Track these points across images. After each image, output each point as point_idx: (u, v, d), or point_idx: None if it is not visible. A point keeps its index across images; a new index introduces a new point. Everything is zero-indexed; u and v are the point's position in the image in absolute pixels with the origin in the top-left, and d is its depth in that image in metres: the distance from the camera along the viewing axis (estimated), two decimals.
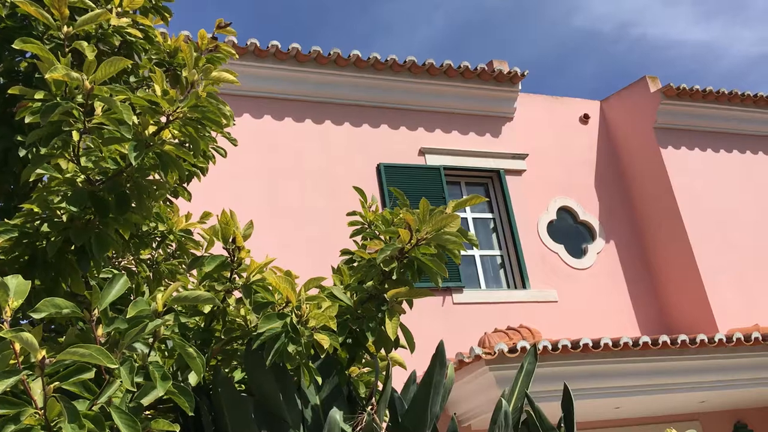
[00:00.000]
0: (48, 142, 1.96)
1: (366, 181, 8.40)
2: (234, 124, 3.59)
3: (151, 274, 3.20)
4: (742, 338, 7.76)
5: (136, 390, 1.78)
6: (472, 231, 9.04)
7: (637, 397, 7.67)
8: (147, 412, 2.32)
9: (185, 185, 3.39)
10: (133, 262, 3.20)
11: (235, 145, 3.59)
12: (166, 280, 3.21)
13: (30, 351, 1.57)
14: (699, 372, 7.83)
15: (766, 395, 8.58)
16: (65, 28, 2.15)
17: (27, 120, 1.93)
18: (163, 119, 2.13)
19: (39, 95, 1.93)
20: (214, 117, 2.17)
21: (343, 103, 8.96)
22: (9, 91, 1.99)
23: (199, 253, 3.10)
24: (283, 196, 8.26)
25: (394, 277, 2.42)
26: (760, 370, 8.05)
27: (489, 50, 26.99)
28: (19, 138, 2.74)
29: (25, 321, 2.36)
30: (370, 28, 26.20)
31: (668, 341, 7.47)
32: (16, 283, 1.70)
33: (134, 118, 2.06)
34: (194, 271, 2.77)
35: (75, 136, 2.07)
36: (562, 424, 2.55)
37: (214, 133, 3.37)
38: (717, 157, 10.48)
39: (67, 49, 2.17)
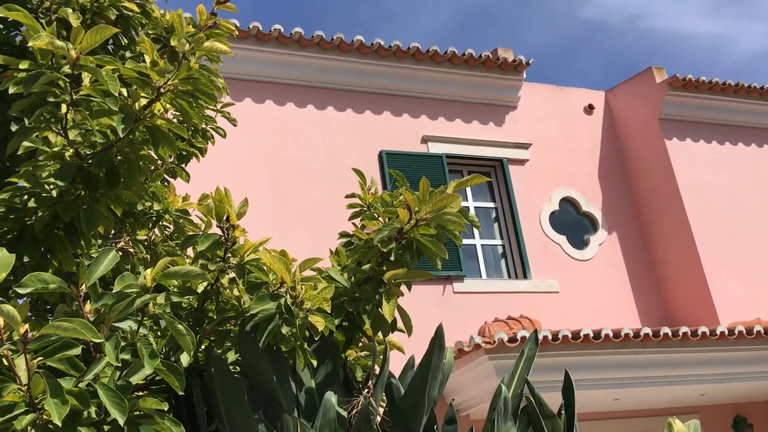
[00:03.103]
0: (32, 113, 1.90)
1: (368, 168, 8.27)
2: (233, 104, 3.53)
3: (148, 256, 3.15)
4: (744, 331, 7.70)
5: (122, 367, 1.73)
6: None
7: (637, 389, 7.63)
8: (139, 392, 2.27)
9: (184, 166, 3.34)
10: (130, 243, 3.14)
11: (235, 125, 3.53)
12: None
13: (12, 325, 1.52)
14: (700, 365, 7.78)
15: (766, 389, 8.53)
16: None
17: (11, 90, 1.86)
18: (155, 92, 2.07)
19: (24, 65, 1.86)
20: (207, 89, 2.10)
21: (345, 89, 8.88)
22: None
23: None
24: (283, 182, 8.20)
25: (392, 259, 2.37)
26: (762, 364, 8.00)
27: (495, 40, 26.83)
28: (11, 113, 2.68)
29: (21, 300, 2.31)
30: (373, 15, 26.06)
31: (669, 333, 7.42)
32: (0, 256, 1.65)
33: (123, 90, 1.99)
34: (190, 252, 2.72)
35: (63, 108, 2.01)
36: (562, 412, 2.50)
37: (213, 114, 3.31)
38: (722, 150, 10.39)
39: (53, 17, 2.10)
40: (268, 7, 23.73)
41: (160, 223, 3.21)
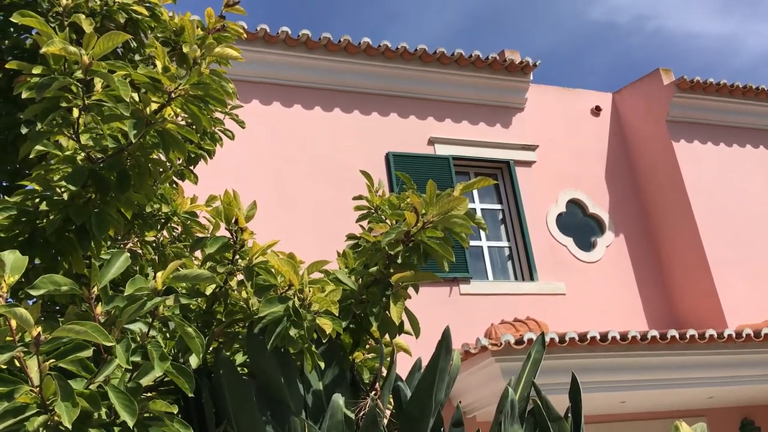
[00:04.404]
0: (45, 117, 1.92)
1: (375, 170, 8.34)
2: (241, 106, 3.55)
3: (156, 258, 3.17)
4: (752, 334, 7.68)
5: (132, 369, 1.74)
6: None
7: (644, 392, 7.62)
8: (148, 394, 2.29)
9: (192, 168, 3.36)
10: (138, 244, 3.17)
11: (243, 127, 3.55)
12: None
13: (25, 327, 1.54)
14: (707, 367, 7.76)
15: None
16: (64, 1, 2.10)
17: (24, 95, 1.89)
18: (166, 97, 2.08)
19: (37, 70, 1.89)
20: (217, 94, 2.12)
21: (352, 91, 8.90)
22: (6, 66, 1.95)
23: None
24: (290, 184, 8.22)
25: (399, 261, 2.38)
26: None
27: (502, 41, 26.81)
28: (22, 116, 2.71)
29: (32, 301, 2.33)
30: (379, 18, 26.08)
31: (677, 336, 7.40)
32: (13, 259, 1.67)
33: (134, 95, 2.01)
34: (198, 254, 2.74)
35: (75, 112, 2.03)
36: (569, 415, 2.51)
37: (221, 116, 3.33)
38: (730, 152, 10.36)
39: (65, 23, 2.12)
40: (275, 9, 23.79)
41: (169, 224, 3.23)
